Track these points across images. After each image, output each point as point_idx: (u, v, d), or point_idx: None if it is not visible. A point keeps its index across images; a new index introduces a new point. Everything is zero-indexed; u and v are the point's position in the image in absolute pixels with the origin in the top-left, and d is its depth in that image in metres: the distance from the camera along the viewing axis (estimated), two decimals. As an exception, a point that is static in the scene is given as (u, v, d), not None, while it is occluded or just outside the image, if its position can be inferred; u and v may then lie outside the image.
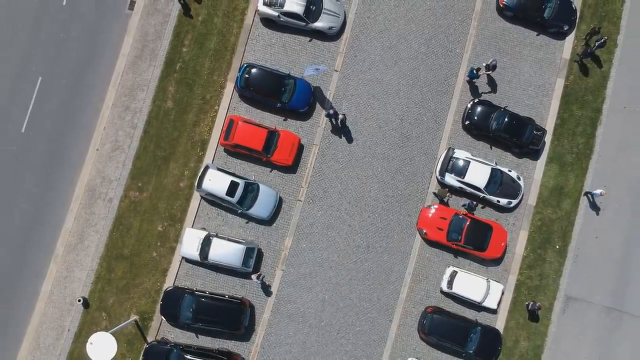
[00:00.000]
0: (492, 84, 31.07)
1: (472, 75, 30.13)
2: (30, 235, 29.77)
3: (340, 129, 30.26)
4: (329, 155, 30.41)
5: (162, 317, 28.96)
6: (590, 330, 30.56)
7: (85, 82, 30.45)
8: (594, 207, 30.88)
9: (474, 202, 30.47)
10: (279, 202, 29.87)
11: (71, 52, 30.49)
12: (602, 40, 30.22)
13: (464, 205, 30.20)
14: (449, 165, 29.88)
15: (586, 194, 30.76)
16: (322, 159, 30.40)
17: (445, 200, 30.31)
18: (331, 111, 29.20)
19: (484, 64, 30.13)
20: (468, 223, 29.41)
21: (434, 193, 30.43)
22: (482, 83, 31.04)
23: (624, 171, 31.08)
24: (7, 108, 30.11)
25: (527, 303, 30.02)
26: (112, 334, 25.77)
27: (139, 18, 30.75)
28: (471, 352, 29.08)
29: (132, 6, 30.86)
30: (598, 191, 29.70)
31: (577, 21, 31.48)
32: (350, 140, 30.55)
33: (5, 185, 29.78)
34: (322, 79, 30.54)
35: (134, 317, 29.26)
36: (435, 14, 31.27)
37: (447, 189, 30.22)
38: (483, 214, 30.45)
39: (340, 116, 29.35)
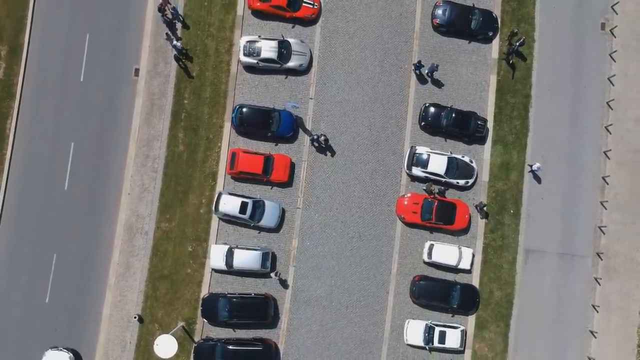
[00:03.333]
0: (438, 88, 38.01)
1: (418, 67, 36.86)
2: (86, 271, 36.44)
3: (324, 147, 37.06)
4: (316, 167, 37.29)
5: (204, 320, 35.77)
6: (549, 274, 37.55)
7: (109, 140, 37.14)
8: (536, 176, 37.90)
9: (442, 187, 37.26)
10: (282, 212, 36.70)
11: (94, 119, 37.20)
12: (522, 39, 37.21)
13: (425, 190, 36.91)
14: (414, 160, 36.82)
15: (530, 169, 37.64)
16: (311, 172, 37.29)
17: (433, 192, 36.96)
18: (314, 136, 36.11)
19: (427, 70, 37.15)
20: (436, 204, 36.38)
21: (424, 190, 37.05)
22: (429, 88, 37.89)
23: (555, 142, 38.13)
24: (50, 171, 36.76)
25: (475, 205, 36.70)
26: (169, 335, 32.62)
27: (144, 82, 37.53)
28: (455, 306, 36.07)
29: (137, 73, 37.61)
30: (536, 165, 36.80)
31: (499, 27, 38.47)
32: (332, 153, 37.42)
33: (58, 232, 36.40)
34: (301, 106, 37.38)
35: (181, 324, 36.04)
36: (383, 39, 38.19)
37: (431, 183, 36.87)
38: (447, 194, 37.38)
39: (322, 138, 36.21)
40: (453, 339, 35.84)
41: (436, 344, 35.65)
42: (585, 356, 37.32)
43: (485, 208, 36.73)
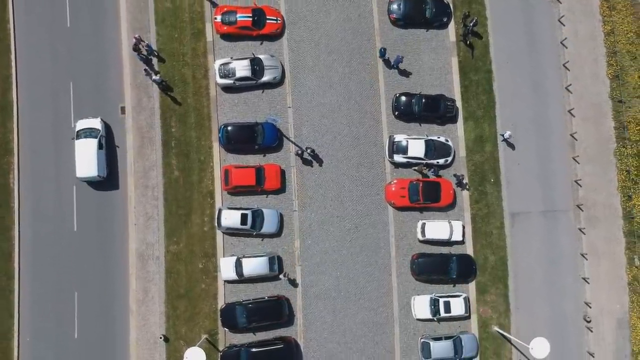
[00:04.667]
0: (405, 78, 40.47)
1: (382, 54, 39.24)
2: (107, 303, 38.63)
3: (312, 158, 39.36)
4: (305, 171, 39.70)
5: (225, 329, 38.15)
6: (537, 232, 40.22)
7: (108, 177, 39.32)
8: (509, 143, 40.51)
9: (432, 168, 39.55)
10: (281, 217, 39.10)
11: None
12: (474, 20, 39.79)
13: (416, 170, 39.46)
14: (394, 148, 39.32)
15: (502, 138, 40.20)
16: (301, 175, 39.70)
17: (424, 172, 39.36)
18: (299, 150, 38.54)
19: (392, 62, 39.69)
20: (421, 185, 38.91)
21: (415, 170, 39.49)
22: (397, 78, 40.34)
23: (521, 109, 40.75)
24: (58, 216, 38.84)
25: (454, 175, 39.31)
26: (197, 347, 35.00)
27: (131, 118, 39.76)
28: (454, 277, 38.69)
29: (123, 111, 39.81)
30: (507, 134, 39.42)
31: (452, 11, 40.99)
32: (318, 155, 39.78)
33: (75, 272, 38.52)
34: (282, 115, 39.71)
35: (204, 336, 38.38)
36: (347, 41, 40.62)
37: (422, 165, 39.30)
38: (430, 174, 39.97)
39: (309, 150, 38.57)
40: (458, 307, 38.43)
41: (443, 314, 38.23)
42: (582, 302, 40.02)
43: (463, 179, 39.25)
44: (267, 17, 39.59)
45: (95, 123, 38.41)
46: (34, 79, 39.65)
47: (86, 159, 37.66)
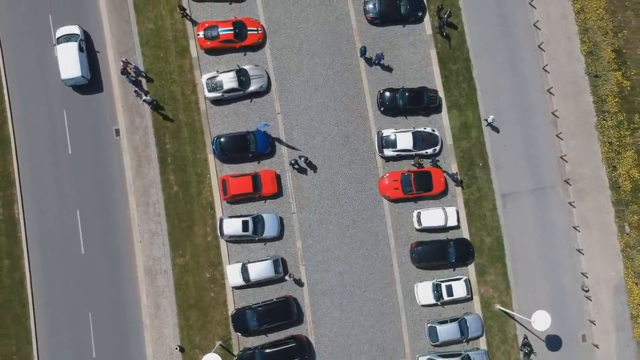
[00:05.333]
0: (388, 74, 41.75)
1: (363, 52, 40.55)
2: (121, 320, 39.79)
3: (306, 163, 40.56)
4: (300, 173, 40.91)
5: (237, 334, 39.38)
6: (528, 210, 41.61)
7: (110, 199, 40.44)
8: (494, 127, 41.86)
9: (431, 159, 40.79)
10: (281, 221, 40.33)
11: (91, 183, 40.41)
12: (448, 11, 41.09)
13: (413, 164, 40.87)
14: (383, 143, 40.60)
15: (486, 123, 41.56)
16: (296, 178, 40.93)
17: (420, 163, 40.68)
18: (293, 160, 39.85)
19: (374, 60, 40.96)
20: (413, 176, 40.20)
21: (412, 164, 40.82)
22: (379, 75, 41.60)
23: (502, 93, 42.10)
24: (65, 240, 39.94)
25: (449, 174, 40.80)
26: (212, 353, 36.25)
27: (126, 139, 40.90)
28: (453, 261, 40.04)
29: (117, 133, 40.95)
30: (490, 118, 40.77)
31: (426, 5, 42.27)
32: (310, 157, 41.00)
33: (87, 293, 39.64)
34: (272, 122, 40.91)
35: (218, 342, 39.59)
36: (328, 43, 41.86)
37: (417, 157, 40.60)
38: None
39: (302, 159, 39.87)
40: (460, 290, 39.78)
41: (446, 298, 39.57)
42: (578, 273, 41.44)
43: (457, 176, 40.72)
44: (248, 28, 40.78)
45: (74, 29, 40.17)
46: (28, 112, 40.68)
47: (69, 61, 39.41)
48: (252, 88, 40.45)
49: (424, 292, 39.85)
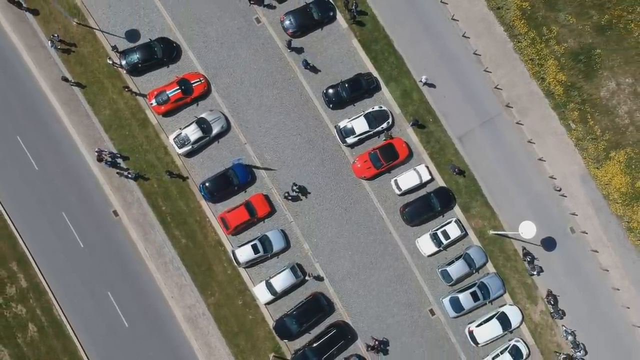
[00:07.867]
0: (324, 74, 46.26)
1: (289, 45, 45.08)
2: (182, 369, 44.37)
3: (299, 190, 45.02)
4: (283, 187, 45.38)
5: (284, 341, 43.98)
6: (485, 143, 46.49)
7: (132, 272, 44.68)
8: (430, 84, 46.67)
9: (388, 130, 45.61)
10: (284, 233, 44.92)
11: (111, 265, 44.61)
12: (354, 2, 45.73)
13: (385, 138, 45.48)
14: (343, 133, 45.25)
15: (422, 84, 46.35)
16: (282, 192, 45.50)
17: (390, 134, 45.30)
18: (286, 193, 44.31)
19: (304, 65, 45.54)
20: (379, 152, 44.90)
21: (385, 138, 45.30)
22: (317, 77, 46.11)
23: (425, 53, 46.89)
24: (107, 320, 44.23)
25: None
26: (271, 366, 40.83)
27: (125, 216, 45.12)
28: (439, 209, 44.91)
29: (116, 214, 45.14)
30: (424, 78, 45.60)
31: (334, 4, 46.85)
32: (288, 170, 45.51)
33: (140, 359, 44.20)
34: (243, 153, 45.30)
35: (272, 355, 44.14)
36: (263, 68, 46.29)
37: (388, 132, 45.25)
38: (380, 140, 46.03)
39: (295, 187, 44.26)
40: (454, 231, 44.72)
41: (445, 242, 44.47)
42: (547, 177, 46.53)
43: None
44: (192, 81, 45.10)
45: None
46: (32, 222, 44.70)
47: None
48: (215, 131, 44.80)
49: (425, 245, 44.76)
